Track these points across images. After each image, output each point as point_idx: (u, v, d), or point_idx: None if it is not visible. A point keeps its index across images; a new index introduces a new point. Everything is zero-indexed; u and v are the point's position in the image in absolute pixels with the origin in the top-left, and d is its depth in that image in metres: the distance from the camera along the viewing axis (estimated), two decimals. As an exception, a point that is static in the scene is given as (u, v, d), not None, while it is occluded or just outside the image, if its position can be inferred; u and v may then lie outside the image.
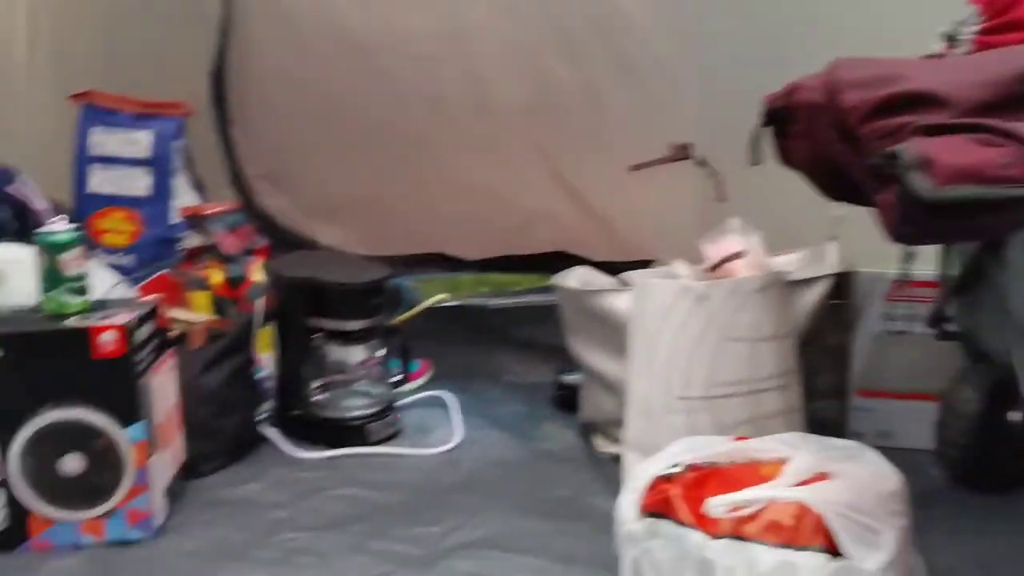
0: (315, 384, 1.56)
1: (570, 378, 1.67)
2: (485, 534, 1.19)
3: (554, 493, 1.33)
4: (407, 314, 1.78)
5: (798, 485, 0.87)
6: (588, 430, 1.52)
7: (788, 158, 1.10)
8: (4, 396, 1.14)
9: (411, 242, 2.11)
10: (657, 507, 0.93)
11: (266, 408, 1.60)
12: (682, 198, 1.73)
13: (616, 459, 1.42)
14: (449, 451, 1.49)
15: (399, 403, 1.63)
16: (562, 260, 1.67)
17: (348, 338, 1.54)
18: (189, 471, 1.37)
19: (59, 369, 1.15)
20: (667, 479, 0.95)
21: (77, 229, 1.21)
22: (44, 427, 1.15)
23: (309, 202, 2.11)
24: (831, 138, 0.96)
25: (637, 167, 1.75)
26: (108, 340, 1.14)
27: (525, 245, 2.05)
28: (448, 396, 1.69)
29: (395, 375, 1.63)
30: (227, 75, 2.07)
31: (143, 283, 1.86)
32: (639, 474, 0.97)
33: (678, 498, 0.92)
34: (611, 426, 1.43)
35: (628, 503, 0.95)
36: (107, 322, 1.15)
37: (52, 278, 1.18)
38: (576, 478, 1.37)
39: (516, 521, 1.23)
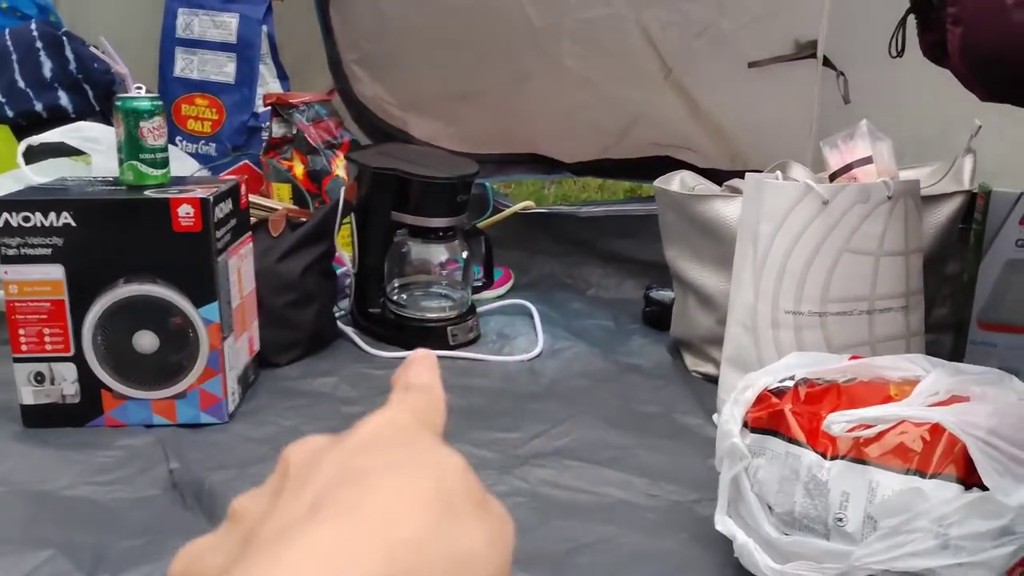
0: (395, 283, 1.50)
1: (660, 294, 1.58)
2: (567, 443, 1.12)
3: (641, 408, 1.25)
4: (492, 219, 1.71)
5: (933, 406, 0.77)
6: (678, 348, 1.43)
7: (933, 49, 0.97)
8: (78, 268, 1.10)
9: (506, 141, 2.00)
10: (766, 422, 0.84)
11: (343, 305, 1.55)
12: (803, 101, 1.58)
13: (708, 379, 1.33)
14: (531, 360, 1.42)
15: (479, 309, 1.56)
16: (663, 167, 1.56)
17: (432, 236, 1.47)
18: (264, 361, 1.33)
19: (135, 242, 1.10)
20: (778, 393, 0.86)
21: (157, 98, 1.15)
22: (118, 301, 1.11)
23: (404, 93, 2.02)
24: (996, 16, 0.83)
25: (756, 64, 1.61)
26: (187, 214, 1.09)
27: (625, 149, 1.92)
28: (530, 306, 1.62)
29: (477, 280, 1.56)
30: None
31: (224, 172, 1.82)
32: (746, 386, 0.88)
33: (791, 413, 0.82)
34: (704, 344, 1.34)
35: (732, 416, 0.86)
36: (187, 195, 1.09)
37: (131, 146, 1.13)
38: (664, 395, 1.29)
39: (599, 433, 1.16)
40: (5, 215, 1.08)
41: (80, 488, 1.00)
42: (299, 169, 1.72)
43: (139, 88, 1.16)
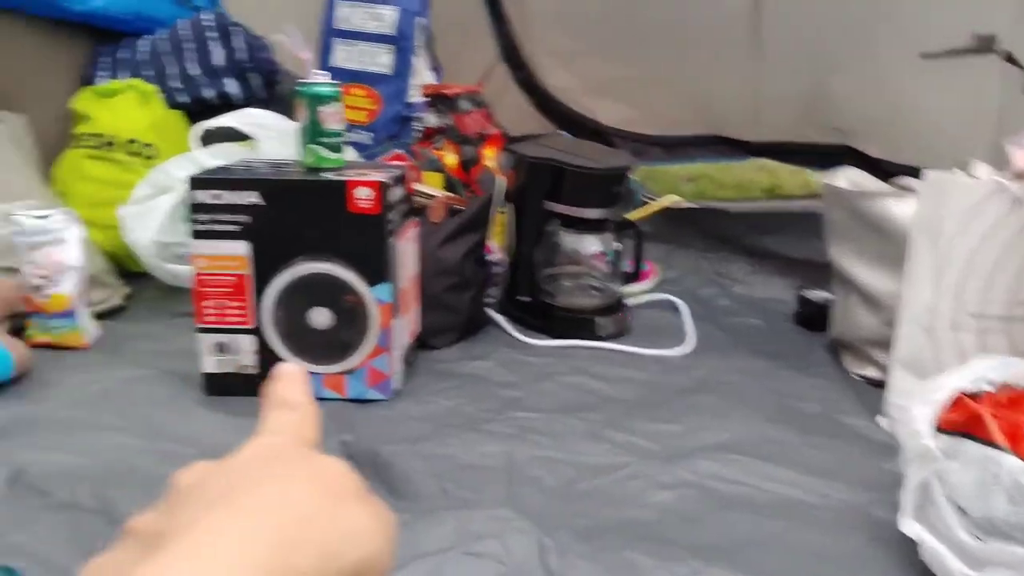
0: (546, 272, 1.52)
1: (814, 294, 1.54)
2: (730, 438, 1.11)
3: (800, 407, 1.22)
4: (642, 211, 1.70)
5: None
6: (837, 348, 1.39)
7: None
8: (262, 245, 1.15)
9: (693, 124, 2.01)
10: (961, 425, 0.81)
11: (493, 292, 1.58)
12: (982, 96, 1.52)
13: (870, 382, 1.30)
14: (683, 355, 1.41)
15: (629, 302, 1.56)
16: (838, 156, 1.52)
17: (585, 227, 1.48)
18: (422, 343, 1.37)
19: (314, 222, 1.14)
20: (974, 396, 0.83)
21: (336, 84, 1.20)
22: (297, 278, 1.16)
23: (593, 79, 2.05)
24: None
25: (930, 55, 1.55)
26: (364, 196, 1.13)
27: (806, 134, 1.89)
28: (678, 301, 1.61)
29: (627, 272, 1.56)
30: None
31: (378, 160, 1.87)
32: (936, 387, 0.85)
33: (990, 417, 0.79)
34: (867, 345, 1.30)
35: (922, 417, 0.83)
36: (365, 178, 1.13)
37: (312, 130, 1.18)
38: (824, 395, 1.26)
39: (762, 429, 1.14)
40: (198, 192, 1.14)
41: (261, 454, 1.05)
42: (451, 159, 1.76)
43: (320, 75, 1.21)
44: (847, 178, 1.33)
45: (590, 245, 1.51)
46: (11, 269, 1.37)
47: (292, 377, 0.37)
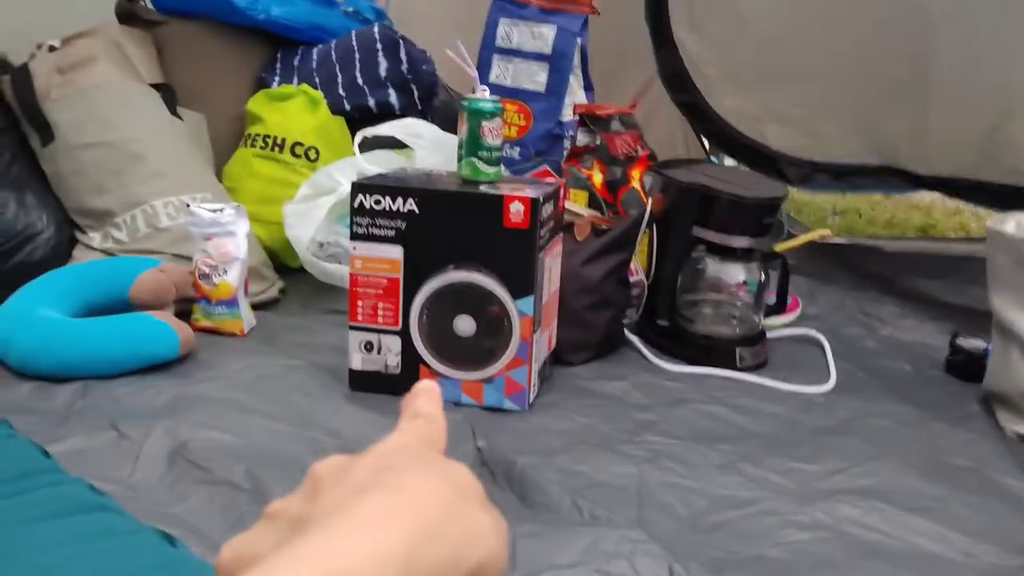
0: (687, 297, 1.51)
1: (969, 342, 1.47)
2: (871, 484, 1.08)
3: (950, 460, 1.17)
4: (790, 243, 1.67)
5: None
6: (992, 402, 1.32)
7: None
8: (415, 251, 1.20)
9: (865, 153, 1.98)
10: None
11: (631, 313, 1.58)
12: None
13: (1027, 440, 1.23)
14: (824, 394, 1.37)
15: (769, 334, 1.53)
16: (1011, 195, 1.45)
17: (731, 255, 1.46)
18: (558, 358, 1.38)
19: (466, 232, 1.18)
20: None
21: (498, 101, 1.23)
22: (445, 286, 1.20)
23: (766, 104, 2.05)
24: None
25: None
26: (517, 211, 1.16)
27: (977, 171, 1.82)
28: (821, 338, 1.57)
29: (769, 304, 1.53)
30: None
31: (526, 175, 1.91)
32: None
33: None
34: (1027, 402, 1.23)
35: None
36: (519, 194, 1.16)
37: (472, 144, 1.22)
38: (976, 451, 1.20)
39: (907, 479, 1.10)
40: (360, 196, 1.20)
41: (400, 452, 1.09)
42: (597, 178, 1.77)
43: (484, 90, 1.24)
44: (1016, 223, 1.26)
45: (735, 274, 1.49)
46: (184, 256, 1.48)
47: (430, 393, 0.40)
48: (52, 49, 1.68)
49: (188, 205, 1.44)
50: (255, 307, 1.52)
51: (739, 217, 1.42)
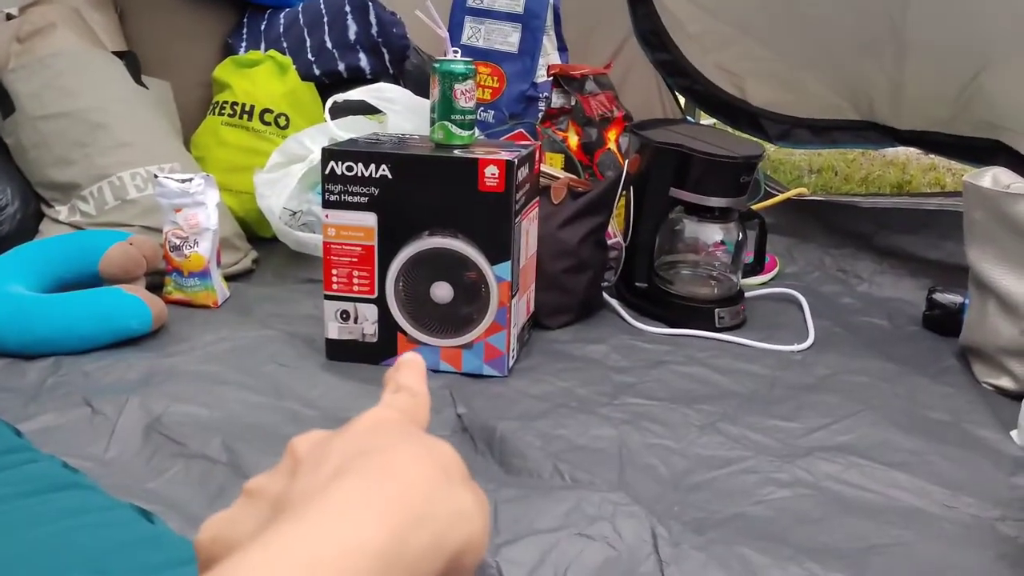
0: (665, 259, 1.50)
1: (945, 297, 1.48)
2: (851, 440, 1.08)
3: (928, 414, 1.18)
4: (767, 202, 1.66)
5: None
6: (969, 356, 1.33)
7: None
8: (389, 218, 1.18)
9: (843, 109, 1.97)
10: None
11: (609, 276, 1.57)
12: None
13: (1002, 392, 1.24)
14: (802, 351, 1.37)
15: (748, 294, 1.53)
16: (990, 152, 1.45)
17: (708, 215, 1.45)
18: (536, 322, 1.37)
19: (442, 197, 1.16)
20: None
21: (470, 63, 1.21)
22: (421, 252, 1.19)
23: (744, 61, 2.03)
24: None
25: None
26: (492, 174, 1.14)
27: (953, 126, 1.81)
28: (799, 296, 1.57)
29: (747, 263, 1.53)
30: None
31: (500, 138, 1.88)
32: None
33: None
34: (1003, 355, 1.24)
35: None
36: (493, 157, 1.14)
37: (444, 107, 1.19)
38: (954, 404, 1.21)
39: (885, 433, 1.10)
40: (332, 163, 1.17)
41: (380, 421, 1.08)
42: (573, 140, 1.76)
43: (456, 52, 1.22)
44: (992, 177, 1.26)
45: (712, 234, 1.49)
46: (153, 228, 1.45)
47: (413, 365, 0.38)
48: (9, 17, 1.63)
49: (156, 176, 1.40)
50: (228, 278, 1.50)
51: (716, 177, 1.41)
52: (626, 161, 1.47)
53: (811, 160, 3.09)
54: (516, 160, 1.15)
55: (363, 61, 1.86)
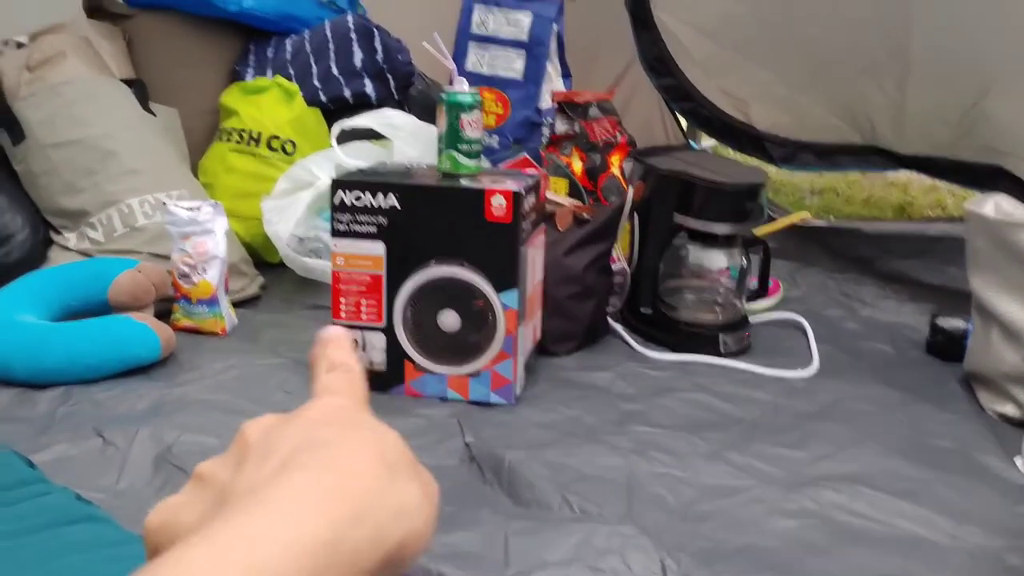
0: (670, 284, 1.51)
1: (949, 322, 1.48)
2: (856, 469, 1.08)
3: (933, 442, 1.18)
4: (770, 227, 1.67)
5: None
6: (973, 382, 1.34)
7: None
8: (397, 247, 1.19)
9: (846, 132, 1.99)
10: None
11: (614, 302, 1.58)
12: None
13: (1007, 420, 1.25)
14: (807, 378, 1.38)
15: (752, 319, 1.54)
16: (996, 178, 1.46)
17: (712, 242, 1.46)
18: (542, 348, 1.38)
19: (449, 226, 1.17)
20: None
21: (477, 94, 1.22)
22: (428, 281, 1.20)
23: (747, 85, 2.06)
24: None
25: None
26: (499, 205, 1.15)
27: (956, 151, 1.83)
28: (803, 321, 1.58)
29: (751, 289, 1.54)
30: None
31: (504, 164, 1.90)
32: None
33: None
34: (1007, 382, 1.25)
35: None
36: (500, 187, 1.16)
37: (451, 137, 1.21)
38: (959, 431, 1.21)
39: (890, 462, 1.11)
40: (341, 193, 1.19)
41: (388, 450, 1.08)
42: (577, 165, 1.77)
43: (462, 82, 1.23)
44: (994, 205, 1.27)
45: (717, 260, 1.49)
46: (162, 255, 1.46)
47: (340, 339, 0.39)
48: (20, 46, 1.65)
49: (164, 203, 1.42)
50: (236, 305, 1.51)
51: (719, 204, 1.43)
52: (630, 188, 1.49)
53: (813, 181, 3.10)
54: (523, 190, 1.17)
55: (368, 87, 1.87)
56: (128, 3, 1.85)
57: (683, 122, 2.33)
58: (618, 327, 1.51)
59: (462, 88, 1.21)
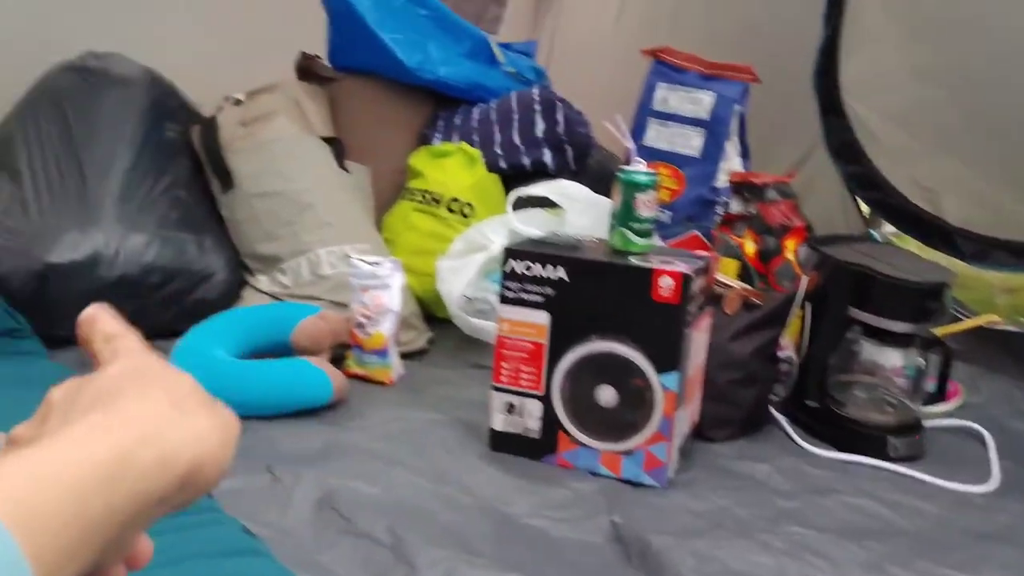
0: (839, 378, 1.46)
1: None
2: (1034, 604, 1.00)
3: None
4: (954, 327, 1.59)
5: None
6: None
7: None
8: (561, 318, 1.21)
9: None
10: None
11: (778, 391, 1.53)
12: None
13: None
14: (984, 494, 1.29)
15: (926, 423, 1.46)
16: None
17: (889, 339, 1.40)
18: (700, 433, 1.36)
19: (613, 302, 1.19)
20: None
21: (654, 174, 1.24)
22: (589, 354, 1.21)
23: (940, 175, 1.99)
24: None
25: None
26: (667, 285, 1.16)
27: None
28: (983, 431, 1.48)
29: (927, 392, 1.46)
30: (838, 50, 2.00)
31: (674, 240, 1.90)
32: None
33: None
34: None
35: None
36: (669, 268, 1.16)
37: (625, 214, 1.23)
38: None
39: (1076, 602, 1.02)
40: (512, 262, 1.23)
41: (536, 519, 1.09)
42: (750, 247, 1.75)
43: (640, 162, 1.26)
44: None
45: (892, 358, 1.43)
46: (341, 303, 1.55)
47: (103, 315, 0.44)
48: (238, 103, 1.81)
49: (349, 256, 1.51)
50: (404, 356, 1.57)
51: (899, 301, 1.37)
52: (804, 276, 1.45)
53: (1005, 279, 2.91)
54: (692, 272, 1.17)
55: (547, 156, 1.93)
56: (335, 67, 2.00)
57: (865, 210, 2.25)
58: (780, 418, 1.47)
59: (639, 167, 1.24)
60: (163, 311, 1.55)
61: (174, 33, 1.94)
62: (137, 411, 0.37)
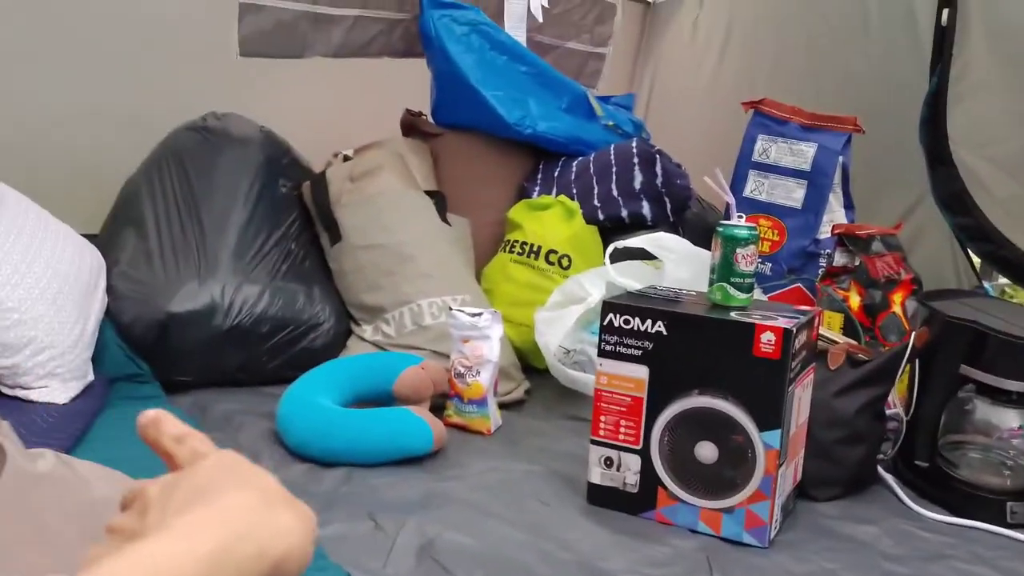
0: (951, 438, 1.40)
1: None
2: None
3: None
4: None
5: None
6: None
7: None
8: (660, 372, 1.21)
9: None
10: None
11: (886, 449, 1.48)
12: None
13: None
14: (1114, 565, 1.21)
15: (1047, 488, 1.38)
16: None
17: (1004, 398, 1.34)
18: (802, 492, 1.33)
19: (714, 358, 1.18)
20: None
21: (754, 228, 1.23)
22: (688, 410, 1.20)
23: None
24: None
25: None
26: (769, 340, 1.14)
27: None
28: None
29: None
30: (945, 99, 1.96)
31: (775, 293, 1.87)
32: None
33: None
34: None
35: None
36: (771, 323, 1.15)
37: (724, 269, 1.22)
38: None
39: None
40: (611, 315, 1.23)
41: (634, 575, 1.08)
42: (855, 300, 1.71)
43: (740, 217, 1.25)
44: None
45: (1008, 419, 1.37)
46: (441, 353, 1.58)
47: (166, 416, 0.47)
48: (346, 158, 1.89)
49: (450, 307, 1.54)
50: (501, 406, 1.59)
51: (1015, 358, 1.31)
52: (913, 332, 1.41)
53: None
54: (795, 328, 1.15)
55: (645, 208, 1.94)
56: (438, 124, 2.07)
57: (976, 262, 2.17)
58: (889, 478, 1.42)
59: (739, 221, 1.23)
60: (272, 359, 1.62)
61: (288, 94, 2.05)
62: (234, 507, 0.41)
